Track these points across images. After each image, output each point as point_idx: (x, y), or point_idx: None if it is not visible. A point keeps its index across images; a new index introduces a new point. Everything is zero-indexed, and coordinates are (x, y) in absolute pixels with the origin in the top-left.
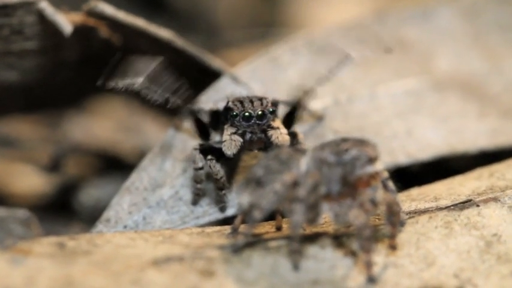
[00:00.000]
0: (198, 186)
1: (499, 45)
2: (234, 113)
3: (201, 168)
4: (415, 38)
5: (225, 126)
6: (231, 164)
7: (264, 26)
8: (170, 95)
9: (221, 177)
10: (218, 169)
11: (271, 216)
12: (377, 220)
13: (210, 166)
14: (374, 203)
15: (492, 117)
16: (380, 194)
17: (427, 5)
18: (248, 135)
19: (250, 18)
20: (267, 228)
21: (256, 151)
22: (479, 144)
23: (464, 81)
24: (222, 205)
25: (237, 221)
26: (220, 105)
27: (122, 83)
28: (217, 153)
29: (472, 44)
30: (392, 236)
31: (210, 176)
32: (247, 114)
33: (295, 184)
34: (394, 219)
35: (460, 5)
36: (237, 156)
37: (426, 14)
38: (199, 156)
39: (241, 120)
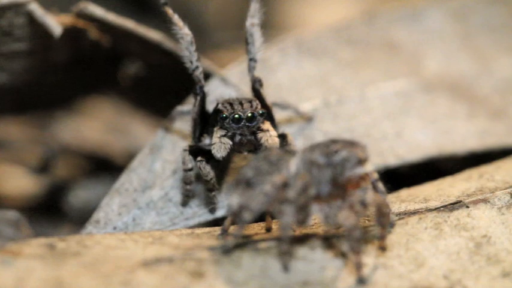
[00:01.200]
0: (188, 187)
1: (488, 47)
2: (224, 115)
3: (191, 170)
4: (404, 39)
5: (215, 129)
6: (220, 165)
7: None
8: (199, 63)
9: (211, 179)
10: (208, 170)
11: (261, 218)
12: (367, 221)
13: (200, 167)
14: (364, 204)
15: (481, 118)
16: (370, 196)
17: (416, 6)
18: (238, 138)
19: (239, 19)
20: (257, 229)
21: (246, 153)
22: (469, 146)
23: (453, 82)
24: (212, 206)
25: (227, 222)
26: (209, 108)
27: (175, 18)
28: (207, 155)
29: (461, 45)
30: (382, 237)
31: (199, 177)
32: (236, 116)
33: (285, 185)
34: (384, 220)
35: (449, 6)
36: (227, 158)
37: (415, 15)
38: (188, 158)
39: (231, 122)
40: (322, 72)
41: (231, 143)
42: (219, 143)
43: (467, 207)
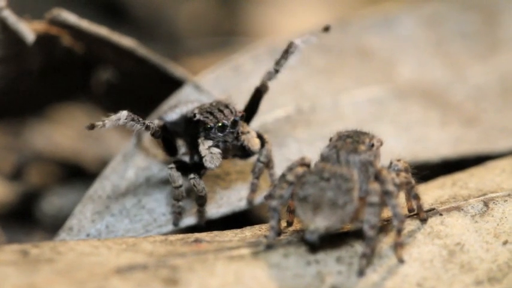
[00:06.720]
0: (179, 204)
1: (461, 53)
2: (209, 126)
3: (181, 186)
4: (377, 46)
5: (199, 140)
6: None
7: (225, 34)
8: (149, 121)
9: (205, 194)
10: (203, 186)
11: (234, 225)
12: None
13: (194, 184)
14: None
15: (454, 125)
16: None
17: (388, 13)
18: (222, 145)
19: (211, 26)
20: (230, 236)
21: (231, 157)
22: (442, 153)
23: (426, 89)
24: (203, 220)
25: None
26: (170, 117)
27: (108, 124)
28: (196, 168)
29: (434, 52)
30: (396, 245)
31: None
32: (220, 125)
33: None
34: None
35: (422, 13)
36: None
37: (388, 22)
38: (176, 174)
39: (216, 131)
40: (295, 79)
41: (220, 151)
42: (209, 154)
43: (441, 215)
